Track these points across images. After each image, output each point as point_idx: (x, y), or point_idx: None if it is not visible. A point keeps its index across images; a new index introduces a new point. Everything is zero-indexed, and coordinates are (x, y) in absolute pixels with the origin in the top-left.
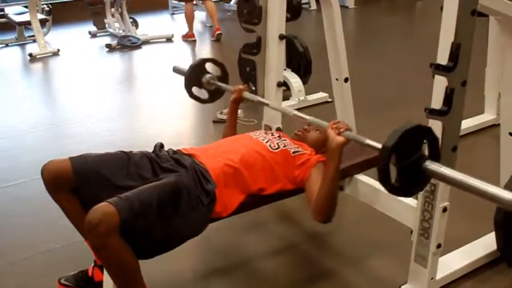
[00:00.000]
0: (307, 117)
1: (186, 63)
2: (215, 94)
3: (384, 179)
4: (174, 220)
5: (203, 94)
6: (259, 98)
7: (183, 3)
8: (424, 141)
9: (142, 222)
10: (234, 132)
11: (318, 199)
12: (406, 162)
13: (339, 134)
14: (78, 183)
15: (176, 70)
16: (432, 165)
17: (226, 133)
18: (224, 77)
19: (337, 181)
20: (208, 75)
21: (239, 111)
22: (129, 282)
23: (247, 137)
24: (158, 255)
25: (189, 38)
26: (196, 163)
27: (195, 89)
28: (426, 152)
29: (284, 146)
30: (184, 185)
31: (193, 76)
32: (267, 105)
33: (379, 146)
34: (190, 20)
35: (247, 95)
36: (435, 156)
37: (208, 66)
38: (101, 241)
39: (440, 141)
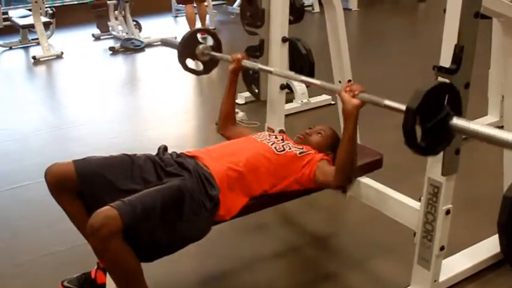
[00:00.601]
0: (317, 81)
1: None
2: (210, 64)
3: (410, 141)
4: (177, 224)
5: (197, 66)
6: (261, 66)
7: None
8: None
9: (145, 226)
10: (232, 106)
11: (337, 164)
12: (433, 121)
13: (353, 96)
14: (81, 186)
15: (165, 43)
16: (459, 121)
17: (223, 107)
18: (217, 47)
19: (355, 143)
20: (201, 46)
21: (241, 113)
22: (131, 284)
23: (251, 139)
24: (160, 258)
25: None
26: (200, 166)
27: (188, 62)
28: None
29: (289, 149)
30: (187, 189)
31: (186, 48)
32: (271, 72)
33: (403, 107)
34: (191, 22)
35: (246, 63)
36: (457, 111)
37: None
38: (102, 244)
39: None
